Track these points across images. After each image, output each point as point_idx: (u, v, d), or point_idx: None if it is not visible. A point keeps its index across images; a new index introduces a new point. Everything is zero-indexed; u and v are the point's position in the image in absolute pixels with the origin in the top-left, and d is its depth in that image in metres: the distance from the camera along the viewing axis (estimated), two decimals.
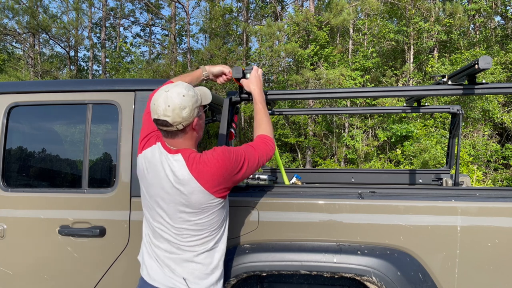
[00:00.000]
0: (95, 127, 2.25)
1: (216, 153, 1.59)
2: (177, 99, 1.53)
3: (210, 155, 1.60)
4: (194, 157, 1.60)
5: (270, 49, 13.65)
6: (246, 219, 2.01)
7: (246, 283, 2.07)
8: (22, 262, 2.21)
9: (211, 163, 1.57)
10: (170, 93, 1.55)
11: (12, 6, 15.92)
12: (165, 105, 1.53)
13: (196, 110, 1.60)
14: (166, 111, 1.53)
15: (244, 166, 1.63)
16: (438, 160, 10.20)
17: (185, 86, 1.59)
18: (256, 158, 1.68)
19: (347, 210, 1.95)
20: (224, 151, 1.60)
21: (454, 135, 3.33)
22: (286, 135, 13.44)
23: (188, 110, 1.55)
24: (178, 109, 1.53)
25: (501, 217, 1.85)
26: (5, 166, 2.30)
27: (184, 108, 1.54)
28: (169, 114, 1.53)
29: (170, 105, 1.52)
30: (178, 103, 1.53)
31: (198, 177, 1.57)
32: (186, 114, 1.54)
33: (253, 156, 1.68)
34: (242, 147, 1.70)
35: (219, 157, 1.58)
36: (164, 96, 1.55)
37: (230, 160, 1.59)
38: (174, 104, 1.52)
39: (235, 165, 1.61)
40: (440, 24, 12.78)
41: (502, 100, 11.76)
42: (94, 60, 20.62)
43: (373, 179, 3.62)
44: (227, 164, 1.58)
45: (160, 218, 1.66)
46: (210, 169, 1.57)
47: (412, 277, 1.83)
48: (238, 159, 1.62)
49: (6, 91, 2.33)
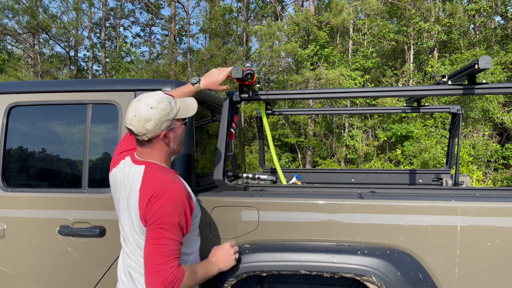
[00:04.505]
0: (95, 127, 2.25)
1: (167, 196, 1.49)
2: (144, 111, 1.51)
3: (163, 191, 1.49)
4: (152, 175, 1.54)
5: (270, 49, 13.65)
6: (246, 219, 2.01)
7: (246, 283, 2.07)
8: (22, 262, 2.21)
9: (158, 198, 1.49)
10: (140, 103, 1.53)
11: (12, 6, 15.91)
12: (132, 114, 1.52)
13: (166, 123, 1.55)
14: (132, 120, 1.52)
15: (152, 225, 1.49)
16: (438, 160, 10.21)
17: (159, 98, 1.55)
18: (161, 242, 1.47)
19: (347, 210, 1.95)
20: (171, 203, 1.48)
21: (454, 135, 3.33)
22: (286, 135, 13.44)
23: (153, 123, 1.51)
24: (143, 120, 1.50)
25: (501, 217, 1.85)
26: (5, 166, 2.30)
27: (149, 120, 1.50)
28: (134, 124, 1.52)
29: (136, 115, 1.51)
30: (144, 114, 1.50)
31: (141, 198, 1.52)
32: (151, 126, 1.51)
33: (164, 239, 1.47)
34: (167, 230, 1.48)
35: (165, 201, 1.48)
36: (134, 106, 1.54)
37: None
38: (140, 115, 1.51)
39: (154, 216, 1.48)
40: (440, 24, 12.78)
41: (502, 100, 11.75)
42: (94, 60, 20.62)
43: (373, 179, 3.62)
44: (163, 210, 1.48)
45: (122, 231, 1.69)
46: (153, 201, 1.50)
47: (412, 277, 1.83)
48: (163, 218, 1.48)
49: (6, 91, 2.33)
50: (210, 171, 2.59)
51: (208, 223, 2.04)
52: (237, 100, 2.22)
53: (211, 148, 2.68)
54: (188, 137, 2.19)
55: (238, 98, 2.20)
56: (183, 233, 1.52)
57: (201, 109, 2.43)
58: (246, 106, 13.11)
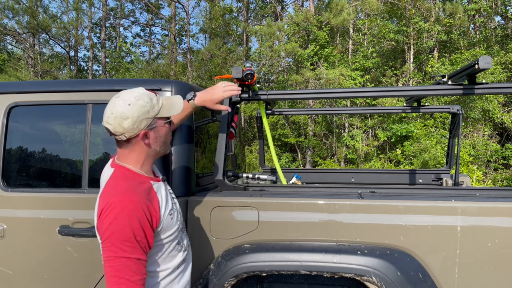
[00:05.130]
0: (95, 127, 2.25)
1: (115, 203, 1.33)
2: (121, 107, 1.38)
3: (113, 198, 1.34)
4: (112, 183, 1.40)
5: (270, 49, 13.65)
6: (246, 219, 2.01)
7: (246, 283, 2.07)
8: (22, 262, 2.21)
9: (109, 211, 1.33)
10: (118, 99, 1.41)
11: (12, 6, 15.91)
12: (109, 111, 1.40)
13: (146, 121, 1.41)
14: (109, 118, 1.39)
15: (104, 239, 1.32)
16: (438, 160, 10.21)
17: (138, 95, 1.41)
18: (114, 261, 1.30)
19: (347, 210, 1.95)
20: (122, 218, 1.31)
21: (454, 135, 3.33)
22: (286, 135, 13.44)
23: (131, 121, 1.37)
24: (119, 118, 1.37)
25: (501, 217, 1.85)
26: (5, 166, 2.30)
27: (126, 118, 1.37)
28: (111, 122, 1.39)
29: (113, 113, 1.38)
30: (120, 111, 1.37)
31: (97, 206, 1.38)
32: (128, 125, 1.37)
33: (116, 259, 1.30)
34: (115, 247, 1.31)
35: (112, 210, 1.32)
36: (112, 102, 1.41)
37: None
38: (117, 113, 1.38)
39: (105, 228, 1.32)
40: (440, 24, 12.78)
41: (502, 100, 11.76)
42: (94, 60, 20.62)
43: (373, 179, 3.62)
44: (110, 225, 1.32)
45: None
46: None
47: (412, 277, 1.83)
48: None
49: (6, 91, 2.33)
50: (210, 171, 2.59)
51: (208, 223, 2.04)
52: (237, 100, 2.22)
53: (211, 148, 2.68)
54: (188, 137, 2.19)
55: (238, 98, 2.20)
56: (143, 249, 1.33)
57: (201, 109, 2.43)
58: (246, 106, 13.11)
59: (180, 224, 1.57)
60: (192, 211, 2.06)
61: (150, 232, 1.37)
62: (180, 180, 2.12)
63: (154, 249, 1.44)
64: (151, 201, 1.41)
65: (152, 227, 1.38)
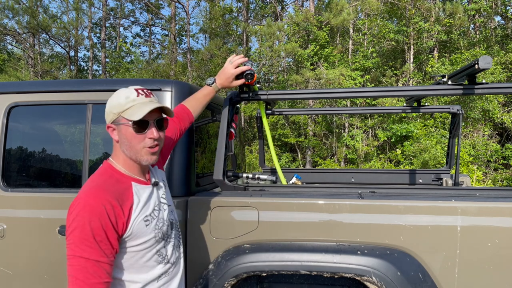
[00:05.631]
0: (95, 127, 2.25)
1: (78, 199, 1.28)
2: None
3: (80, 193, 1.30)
4: (93, 179, 1.37)
5: (270, 49, 13.65)
6: (246, 219, 2.01)
7: (246, 283, 2.07)
8: (22, 262, 2.21)
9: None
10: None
11: (12, 6, 15.92)
12: None
13: (112, 116, 1.40)
14: None
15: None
16: (438, 160, 10.21)
17: (120, 91, 1.44)
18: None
19: (347, 210, 1.95)
20: (83, 215, 1.24)
21: (454, 135, 3.33)
22: (286, 135, 13.44)
23: (105, 112, 1.44)
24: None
25: (501, 217, 1.85)
26: (5, 166, 2.30)
27: (106, 106, 1.45)
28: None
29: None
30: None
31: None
32: (105, 115, 1.45)
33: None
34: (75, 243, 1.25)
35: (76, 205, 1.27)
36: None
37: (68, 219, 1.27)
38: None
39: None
40: (440, 24, 12.78)
41: (502, 100, 11.76)
42: (94, 60, 20.62)
43: (373, 179, 3.62)
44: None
45: None
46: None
47: (412, 277, 1.83)
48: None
49: (6, 91, 2.33)
50: (210, 171, 2.59)
51: (208, 223, 2.04)
52: (237, 100, 2.22)
53: (211, 148, 2.68)
54: (188, 137, 2.19)
55: (238, 98, 2.20)
56: (104, 252, 1.24)
57: None
58: (246, 106, 13.11)
59: (160, 233, 1.43)
60: (192, 211, 2.06)
61: (113, 235, 1.28)
62: (180, 180, 2.12)
63: (123, 255, 1.35)
64: (121, 201, 1.32)
65: (116, 229, 1.29)
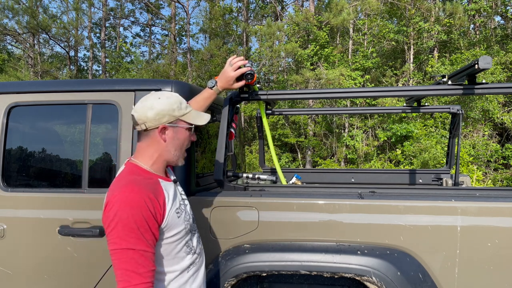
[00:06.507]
0: (95, 127, 2.25)
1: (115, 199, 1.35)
2: (151, 100, 1.48)
3: (116, 191, 1.36)
4: (118, 178, 1.42)
5: (270, 49, 13.65)
6: (246, 219, 2.01)
7: (246, 283, 2.07)
8: (22, 262, 2.21)
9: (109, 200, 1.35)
10: (151, 95, 1.51)
11: (12, 6, 15.92)
12: (140, 102, 1.49)
13: (168, 117, 1.47)
14: (137, 107, 1.48)
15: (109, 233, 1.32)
16: (438, 160, 10.21)
17: (171, 95, 1.51)
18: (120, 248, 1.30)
19: (347, 210, 1.95)
20: (124, 209, 1.31)
21: (454, 135, 3.33)
22: (286, 135, 13.45)
23: (155, 112, 1.45)
24: (146, 107, 1.46)
25: (501, 217, 1.85)
26: (5, 166, 2.30)
27: (152, 109, 1.45)
28: (138, 110, 1.47)
29: (142, 103, 1.48)
30: (149, 103, 1.47)
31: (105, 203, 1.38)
32: (151, 115, 1.44)
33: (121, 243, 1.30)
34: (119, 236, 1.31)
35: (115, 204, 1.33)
36: (145, 97, 1.52)
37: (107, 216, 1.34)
38: (146, 103, 1.47)
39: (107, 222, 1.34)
40: (440, 24, 12.78)
41: (502, 100, 11.76)
42: (94, 60, 20.62)
43: (373, 179, 3.62)
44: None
45: None
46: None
47: (412, 277, 1.83)
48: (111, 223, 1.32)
49: (6, 91, 2.33)
50: (210, 171, 2.59)
51: (208, 223, 2.04)
52: (237, 100, 2.22)
53: (211, 148, 2.68)
54: None
55: (238, 98, 2.20)
56: (149, 242, 1.33)
57: None
58: (246, 106, 13.11)
59: (188, 225, 1.55)
60: (192, 211, 2.06)
61: (154, 225, 1.36)
62: (180, 180, 2.12)
63: (158, 248, 1.43)
64: (156, 195, 1.40)
65: (156, 220, 1.37)
